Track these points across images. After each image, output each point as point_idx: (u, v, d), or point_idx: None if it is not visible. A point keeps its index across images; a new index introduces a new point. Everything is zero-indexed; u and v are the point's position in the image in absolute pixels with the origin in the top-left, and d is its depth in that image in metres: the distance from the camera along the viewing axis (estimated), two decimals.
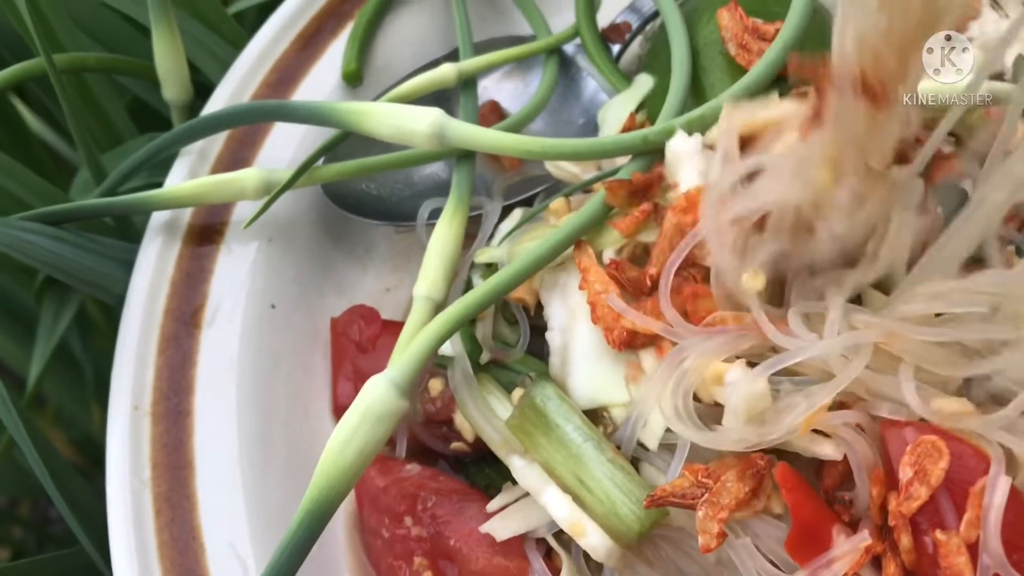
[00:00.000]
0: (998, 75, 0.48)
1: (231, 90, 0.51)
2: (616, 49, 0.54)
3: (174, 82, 0.52)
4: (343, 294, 0.51)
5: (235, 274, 0.46)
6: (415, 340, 0.38)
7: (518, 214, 0.48)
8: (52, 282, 0.54)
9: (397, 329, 0.42)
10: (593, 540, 0.37)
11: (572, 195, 0.46)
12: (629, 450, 0.38)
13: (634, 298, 0.39)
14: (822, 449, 0.35)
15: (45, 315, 0.55)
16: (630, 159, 0.42)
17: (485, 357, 0.44)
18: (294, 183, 0.46)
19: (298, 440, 0.45)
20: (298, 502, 0.36)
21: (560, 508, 0.38)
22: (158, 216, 0.47)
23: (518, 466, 0.40)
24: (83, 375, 0.65)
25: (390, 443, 0.45)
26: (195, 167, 0.49)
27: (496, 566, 0.40)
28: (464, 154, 0.46)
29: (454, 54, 0.53)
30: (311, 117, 0.46)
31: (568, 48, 0.55)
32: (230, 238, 0.47)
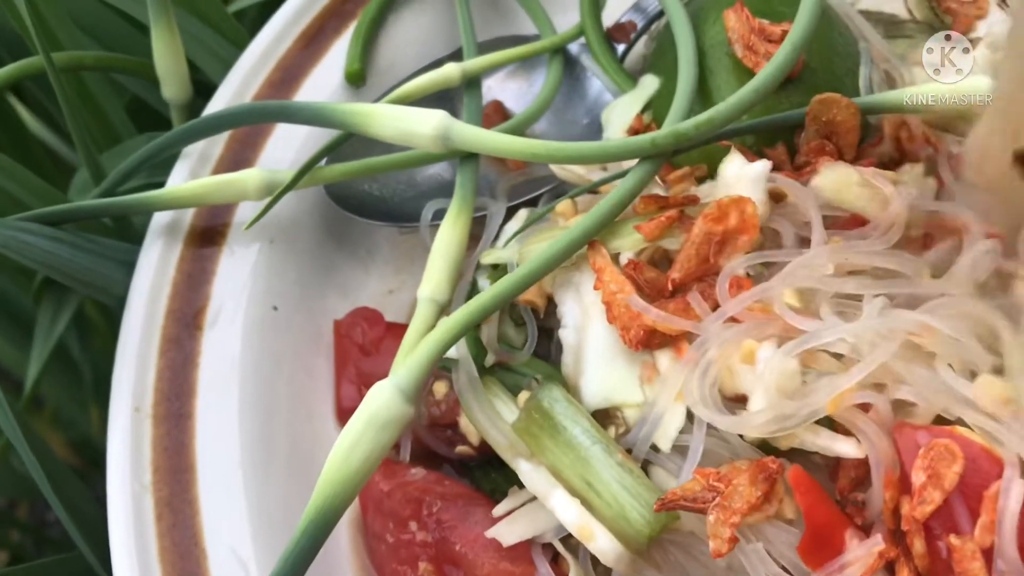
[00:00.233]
0: None
1: (233, 90, 0.50)
2: (621, 49, 0.54)
3: (174, 81, 0.51)
4: (346, 296, 0.50)
5: (237, 275, 0.46)
6: (421, 345, 0.38)
7: (523, 215, 0.48)
8: (50, 283, 0.53)
9: (401, 331, 0.42)
10: (602, 544, 0.37)
11: (578, 197, 0.45)
12: (642, 452, 0.38)
13: (651, 299, 0.38)
14: (842, 447, 0.34)
15: (43, 316, 0.54)
16: (637, 162, 0.42)
17: (490, 360, 0.43)
18: (296, 184, 0.46)
19: (301, 443, 0.45)
20: (301, 506, 0.36)
21: (568, 512, 0.38)
22: (159, 217, 0.47)
23: (525, 470, 0.39)
24: (81, 376, 0.64)
25: (394, 446, 0.45)
26: (196, 168, 0.48)
27: (502, 571, 0.39)
28: (468, 155, 0.46)
29: (458, 54, 0.53)
30: (314, 118, 0.46)
31: (572, 48, 0.54)
32: (232, 239, 0.47)
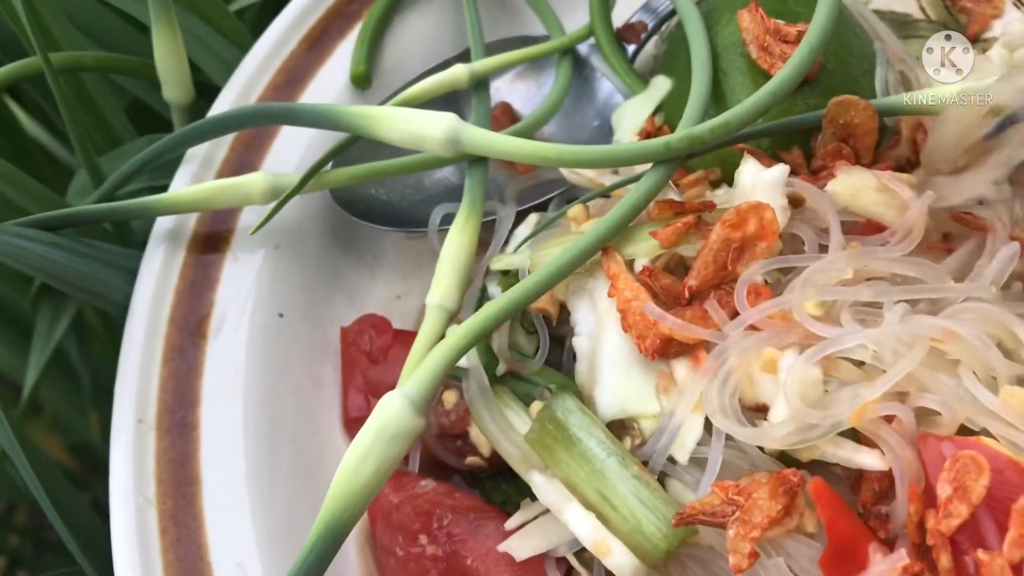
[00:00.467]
0: None
1: (237, 92, 0.49)
2: (631, 49, 0.53)
3: (175, 82, 0.50)
4: (352, 302, 0.49)
5: (241, 282, 0.45)
6: (431, 355, 0.37)
7: (534, 219, 0.47)
8: (48, 288, 0.52)
9: (409, 339, 0.41)
10: (618, 559, 0.36)
11: (591, 201, 0.44)
12: (659, 464, 0.37)
13: (667, 307, 0.38)
14: (865, 459, 0.34)
15: (41, 321, 0.54)
16: (651, 166, 0.41)
17: (501, 369, 0.42)
18: (302, 188, 0.45)
19: (307, 454, 0.44)
20: (308, 518, 0.35)
21: (583, 526, 0.37)
22: (162, 223, 0.46)
23: (538, 482, 0.38)
24: (80, 381, 0.63)
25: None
26: (200, 172, 0.47)
27: None
28: (477, 158, 0.45)
29: (465, 55, 0.52)
30: (320, 121, 0.45)
31: (582, 48, 0.53)
32: (236, 245, 0.46)
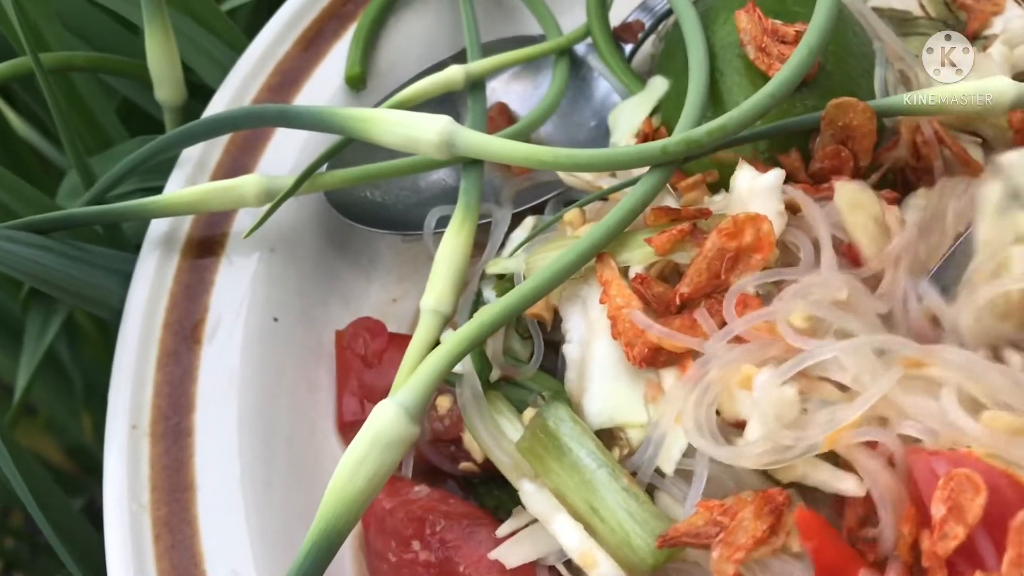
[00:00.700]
0: (1021, 74, 0.47)
1: (231, 94, 0.49)
2: (628, 49, 0.53)
3: (168, 83, 0.50)
4: (347, 306, 0.49)
5: (236, 286, 0.45)
6: (426, 362, 0.37)
7: (530, 223, 0.47)
8: (39, 291, 0.52)
9: (404, 342, 0.41)
10: (604, 572, 0.36)
11: (587, 205, 0.44)
12: (647, 475, 0.37)
13: (658, 315, 0.37)
14: (843, 484, 0.33)
15: (32, 324, 0.53)
16: (648, 170, 0.41)
17: (495, 374, 0.42)
18: (296, 190, 0.45)
19: (302, 459, 0.44)
20: (303, 525, 0.35)
21: (571, 537, 0.37)
22: (156, 227, 0.46)
23: (528, 491, 0.38)
24: (72, 384, 0.63)
25: None
26: (194, 174, 0.47)
27: None
28: (472, 160, 0.44)
29: (461, 55, 0.52)
30: (314, 123, 0.45)
31: (579, 48, 0.53)
32: (231, 248, 0.46)
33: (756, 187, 0.39)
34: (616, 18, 0.53)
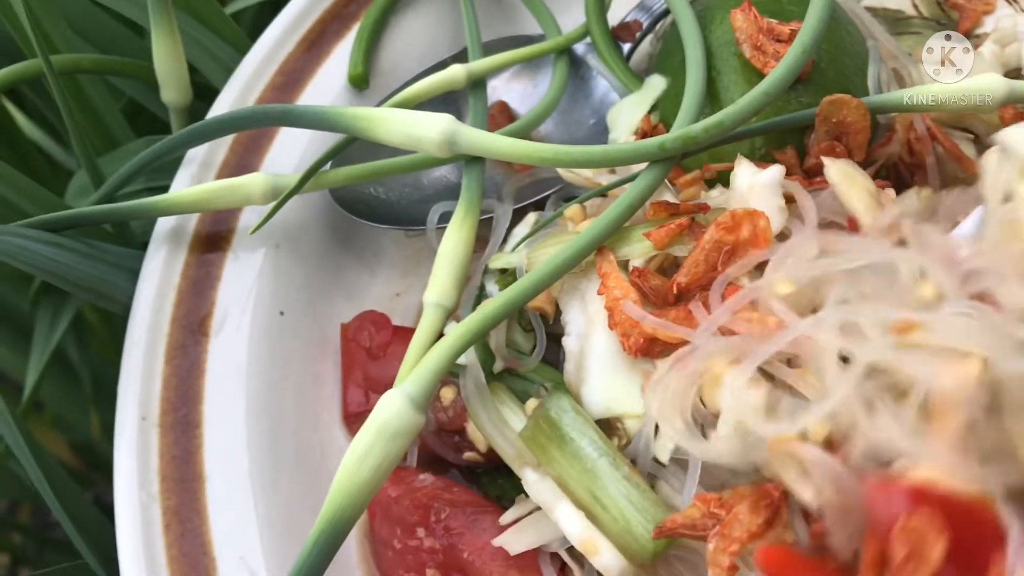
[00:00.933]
0: (1015, 71, 0.48)
1: (235, 95, 0.50)
2: (626, 48, 0.54)
3: (174, 84, 0.51)
4: (352, 300, 0.50)
5: (242, 281, 0.46)
6: (431, 353, 0.38)
7: (531, 218, 0.47)
8: (47, 288, 0.53)
9: (408, 335, 0.42)
10: (606, 559, 0.36)
11: (587, 200, 0.45)
12: (646, 464, 0.38)
13: (656, 307, 0.38)
14: (803, 492, 0.31)
15: (41, 321, 0.54)
16: (647, 166, 0.41)
17: (499, 366, 0.43)
18: (301, 188, 0.45)
19: (309, 449, 0.45)
20: (310, 513, 0.36)
21: (573, 525, 0.37)
22: (163, 224, 0.46)
23: (531, 479, 0.39)
24: (80, 381, 0.64)
25: None
26: (200, 173, 0.48)
27: None
28: (474, 157, 0.45)
29: (462, 55, 0.52)
30: (318, 123, 0.45)
31: (578, 48, 0.54)
32: (237, 244, 0.46)
33: (756, 183, 0.39)
34: (614, 18, 0.54)
